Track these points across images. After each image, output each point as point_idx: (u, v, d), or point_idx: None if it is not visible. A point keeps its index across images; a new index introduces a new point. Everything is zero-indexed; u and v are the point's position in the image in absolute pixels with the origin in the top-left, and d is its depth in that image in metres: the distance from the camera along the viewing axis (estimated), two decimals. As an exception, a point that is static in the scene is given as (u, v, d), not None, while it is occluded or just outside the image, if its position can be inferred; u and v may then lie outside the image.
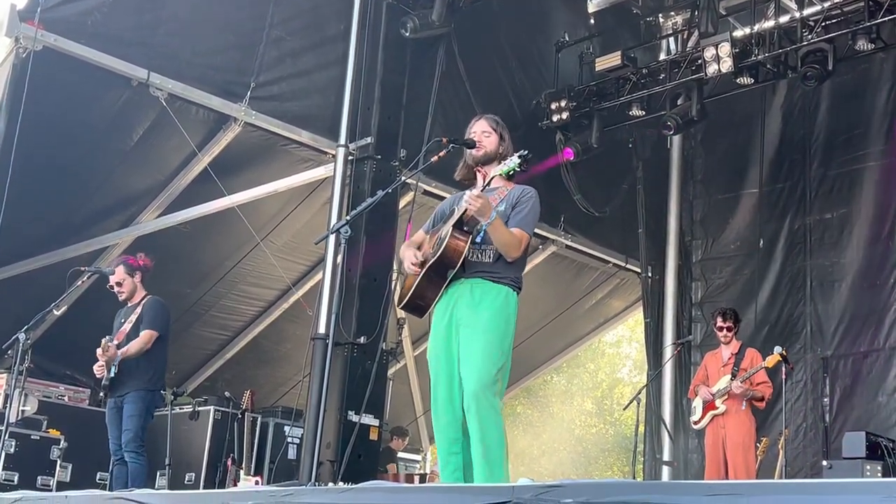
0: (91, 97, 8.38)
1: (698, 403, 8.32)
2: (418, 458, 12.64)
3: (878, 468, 6.81)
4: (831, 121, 10.45)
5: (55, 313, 7.80)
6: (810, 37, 8.97)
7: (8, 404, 7.25)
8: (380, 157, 8.98)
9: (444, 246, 4.55)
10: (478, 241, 4.60)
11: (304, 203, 10.04)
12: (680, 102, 10.28)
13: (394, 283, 8.69)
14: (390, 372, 10.20)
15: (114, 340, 7.06)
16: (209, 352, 11.42)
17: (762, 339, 10.09)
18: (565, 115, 10.36)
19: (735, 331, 8.36)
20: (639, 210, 11.51)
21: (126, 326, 7.22)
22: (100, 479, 8.55)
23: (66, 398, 9.12)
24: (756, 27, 9.25)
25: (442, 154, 4.90)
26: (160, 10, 8.35)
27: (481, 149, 4.78)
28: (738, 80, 9.50)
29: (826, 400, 9.71)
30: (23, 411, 7.94)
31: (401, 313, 8.92)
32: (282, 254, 10.33)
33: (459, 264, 4.57)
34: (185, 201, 9.39)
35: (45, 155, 8.14)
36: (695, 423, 8.44)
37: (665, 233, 11.63)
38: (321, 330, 8.49)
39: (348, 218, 4.93)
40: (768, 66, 9.39)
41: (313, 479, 4.64)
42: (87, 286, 8.07)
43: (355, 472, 7.83)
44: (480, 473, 4.42)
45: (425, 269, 4.62)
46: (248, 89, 8.80)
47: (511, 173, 4.66)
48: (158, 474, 8.42)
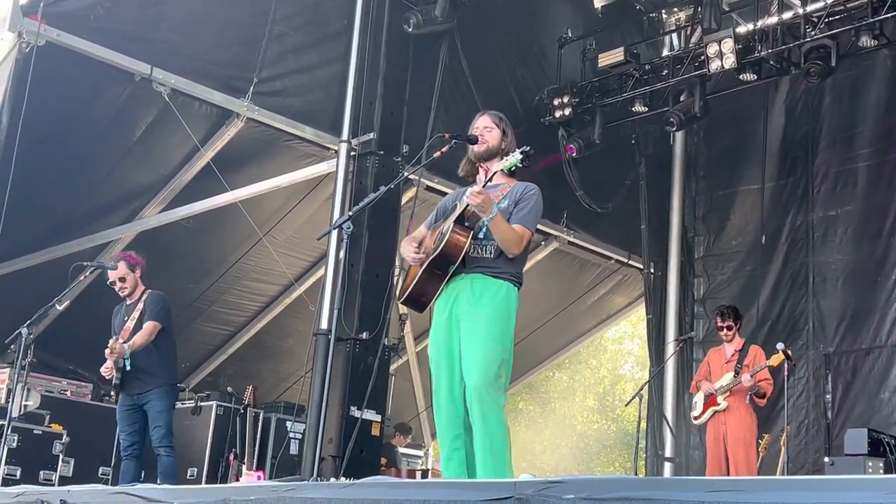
0: (94, 92, 8.38)
1: (699, 399, 8.33)
2: (420, 453, 12.63)
3: (880, 465, 6.80)
4: (834, 117, 10.43)
5: (58, 308, 7.82)
6: (813, 33, 8.96)
7: (10, 399, 7.25)
8: (382, 152, 8.97)
9: (445, 241, 4.54)
10: (479, 237, 4.60)
11: (306, 198, 10.04)
12: (683, 98, 10.29)
13: (396, 278, 8.69)
14: (392, 368, 10.20)
15: (119, 340, 7.06)
16: (212, 347, 11.43)
17: (764, 335, 10.09)
18: (568, 111, 10.36)
19: (736, 328, 8.34)
20: (641, 206, 11.50)
21: (130, 324, 7.20)
22: (102, 474, 8.57)
23: (68, 393, 9.12)
24: (759, 23, 9.24)
25: (444, 150, 4.88)
26: (163, 5, 8.36)
27: (483, 144, 4.77)
28: (741, 77, 9.51)
29: (828, 396, 9.70)
30: (25, 406, 7.95)
31: (403, 309, 8.91)
32: (284, 249, 10.33)
33: (460, 259, 4.57)
34: (188, 197, 9.41)
35: (48, 150, 8.15)
36: (695, 418, 8.46)
37: (668, 229, 11.61)
38: (323, 325, 8.50)
39: (351, 213, 4.91)
40: (771, 63, 9.39)
41: (315, 475, 4.64)
42: (90, 281, 8.09)
43: (357, 468, 7.82)
44: (483, 469, 4.41)
45: (426, 264, 4.61)
46: (251, 84, 8.80)
47: (513, 169, 4.64)
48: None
